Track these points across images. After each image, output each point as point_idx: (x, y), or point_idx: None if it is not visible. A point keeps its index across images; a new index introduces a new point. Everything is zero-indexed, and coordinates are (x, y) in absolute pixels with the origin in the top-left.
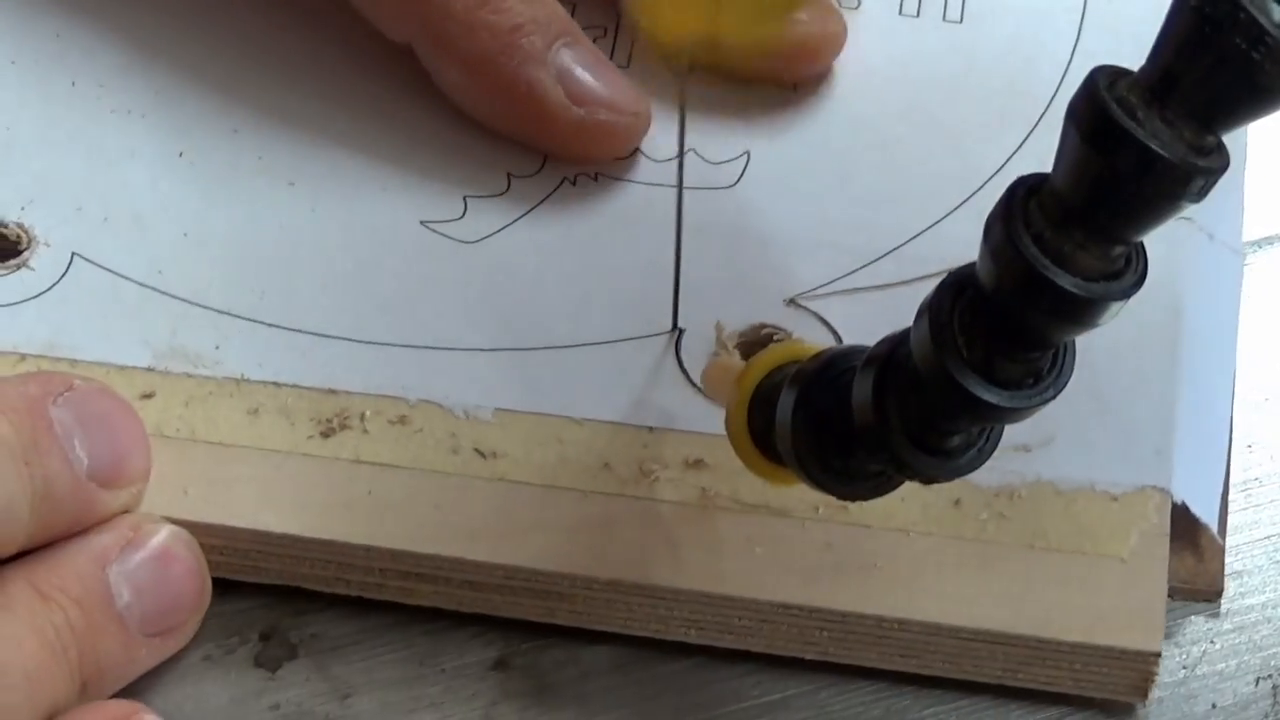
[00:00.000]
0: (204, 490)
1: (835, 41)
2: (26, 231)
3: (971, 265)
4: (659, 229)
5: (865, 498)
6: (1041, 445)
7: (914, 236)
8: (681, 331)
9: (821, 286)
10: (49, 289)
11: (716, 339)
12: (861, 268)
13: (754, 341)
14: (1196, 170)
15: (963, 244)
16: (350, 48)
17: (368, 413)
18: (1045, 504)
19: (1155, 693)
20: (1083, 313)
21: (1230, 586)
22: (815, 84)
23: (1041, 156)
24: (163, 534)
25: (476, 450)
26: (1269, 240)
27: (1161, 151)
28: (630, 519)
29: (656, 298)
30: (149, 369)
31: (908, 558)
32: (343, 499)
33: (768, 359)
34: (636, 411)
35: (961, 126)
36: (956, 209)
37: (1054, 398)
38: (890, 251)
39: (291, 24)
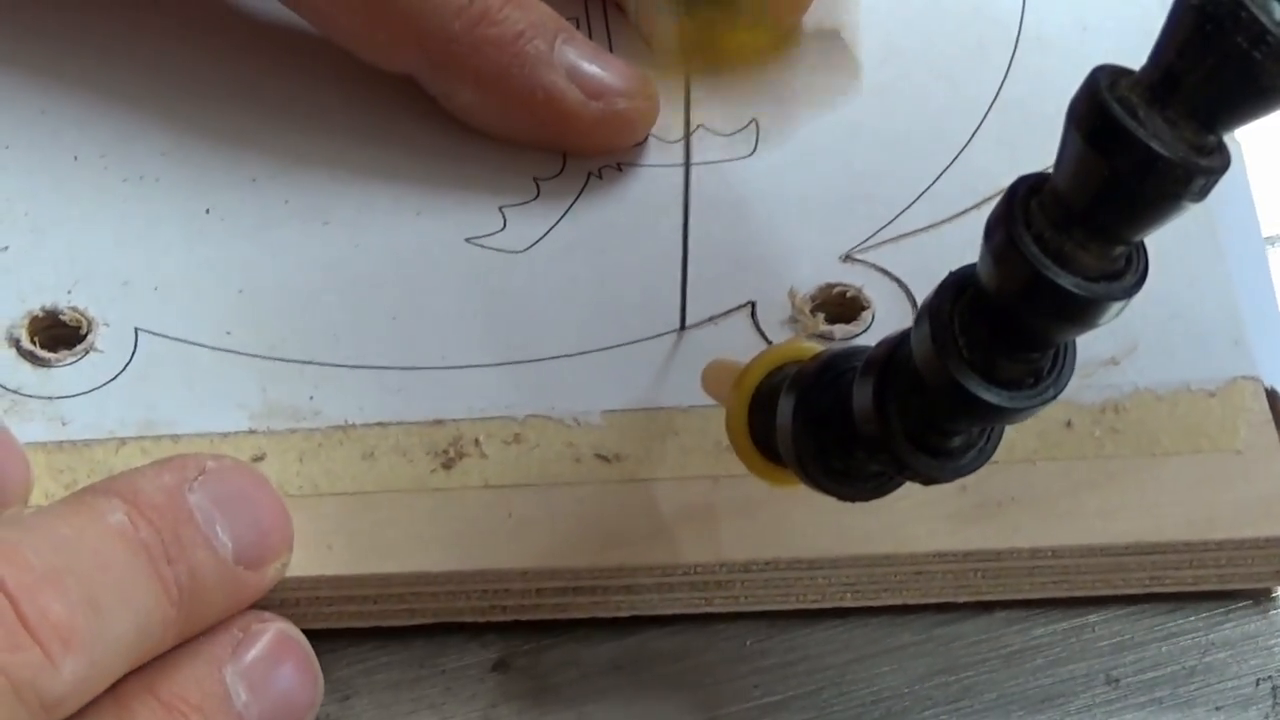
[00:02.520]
0: (347, 542)
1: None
2: (83, 314)
3: (972, 266)
4: (697, 204)
5: (866, 498)
6: (1127, 355)
7: (939, 175)
8: (754, 303)
9: (869, 239)
10: (124, 368)
11: (792, 305)
12: (900, 214)
13: (829, 301)
14: (1198, 170)
15: (985, 174)
16: (347, 82)
17: (480, 437)
18: (1150, 411)
19: (1156, 692)
20: (1083, 313)
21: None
22: (793, 42)
23: (1031, 76)
24: (271, 630)
25: (598, 456)
26: (1270, 240)
27: (1163, 151)
28: (769, 497)
29: (721, 275)
30: (251, 431)
31: (1041, 486)
32: (487, 526)
33: (768, 359)
34: None
35: (945, 59)
36: (970, 140)
37: (1054, 398)
38: (922, 194)
39: (283, 67)
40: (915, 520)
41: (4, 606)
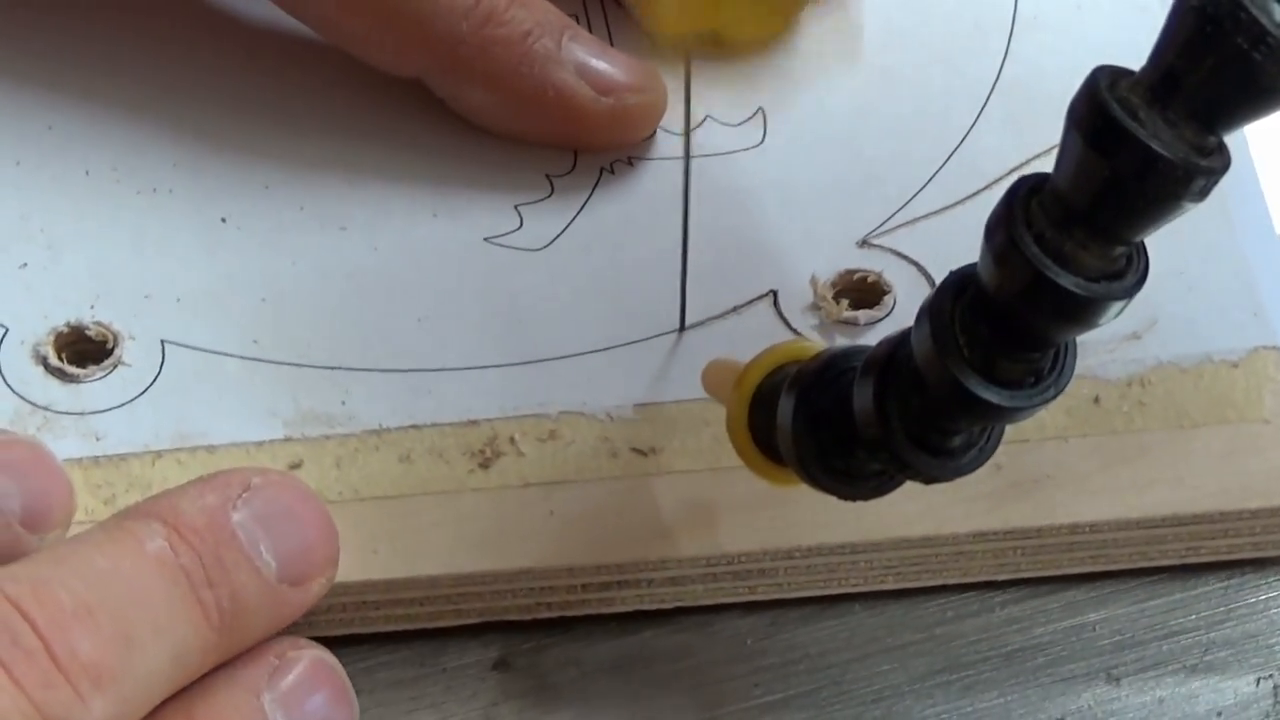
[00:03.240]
0: (392, 546)
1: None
2: (108, 329)
3: (972, 265)
4: (711, 195)
5: (866, 498)
6: (1148, 329)
7: (948, 158)
8: (775, 292)
9: (884, 224)
10: (154, 381)
11: (814, 292)
12: (912, 198)
13: (850, 287)
14: (1198, 170)
15: (993, 156)
16: (355, 86)
17: (516, 435)
18: (1175, 384)
19: (1156, 692)
20: (1084, 312)
21: (1233, 581)
22: (792, 33)
23: (1029, 57)
24: (307, 657)
25: (634, 449)
26: None
27: (1163, 152)
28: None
29: (740, 264)
30: (287, 439)
31: (1074, 462)
32: (529, 525)
33: (768, 359)
34: None
35: (944, 42)
36: (976, 123)
37: (1055, 397)
38: (932, 177)
39: (289, 74)
40: (953, 501)
41: (36, 646)
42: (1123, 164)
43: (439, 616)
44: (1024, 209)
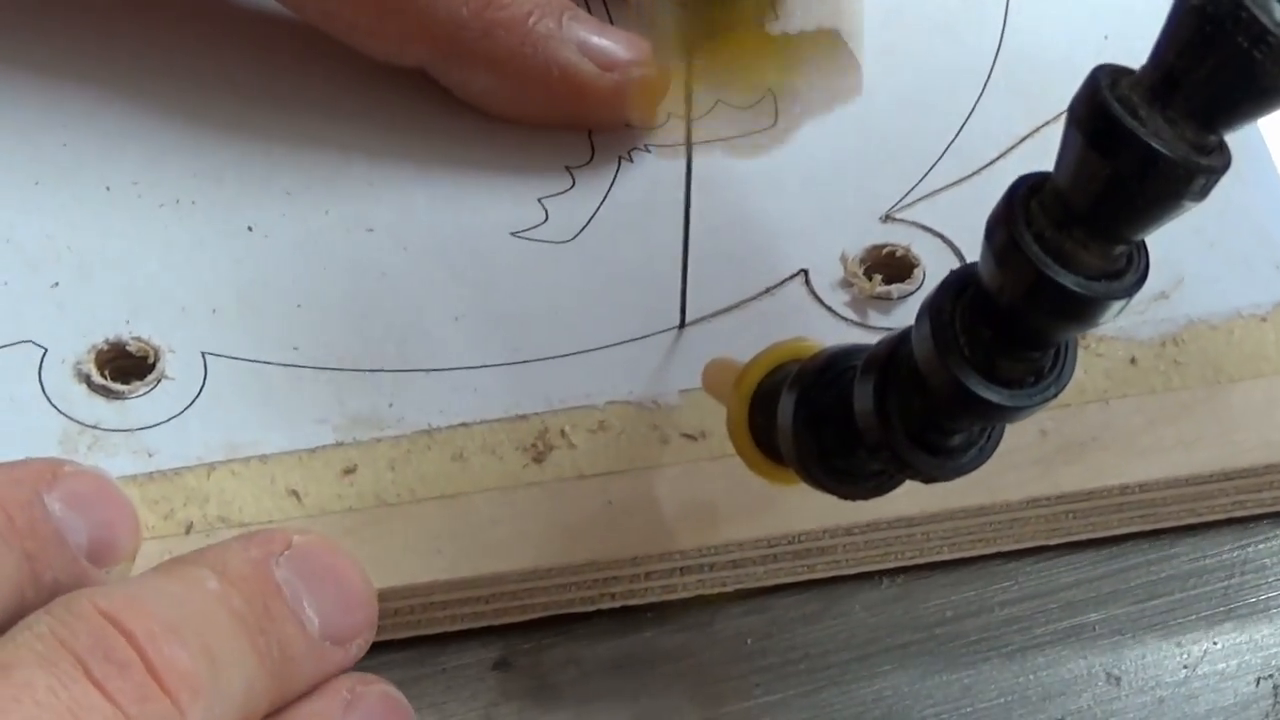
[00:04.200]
0: (455, 546)
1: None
2: (147, 344)
3: (973, 265)
4: (730, 179)
5: (866, 497)
6: (1175, 288)
7: (959, 130)
8: (806, 271)
9: (904, 198)
10: (199, 393)
11: (844, 269)
12: (929, 171)
13: (879, 261)
14: (1198, 169)
15: (1003, 124)
16: (364, 86)
17: (566, 428)
18: (1207, 342)
19: (1156, 692)
20: (1084, 312)
21: (1233, 583)
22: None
23: (1029, 25)
24: (378, 691)
25: (684, 435)
26: None
27: (1163, 150)
28: None
29: (767, 247)
30: (338, 444)
31: (1118, 424)
32: (589, 516)
33: (767, 359)
34: None
35: (944, 14)
36: (982, 94)
37: (1055, 396)
38: (946, 150)
39: (296, 76)
40: (1004, 469)
41: (133, 657)
42: (1123, 163)
43: (504, 613)
44: (1024, 208)
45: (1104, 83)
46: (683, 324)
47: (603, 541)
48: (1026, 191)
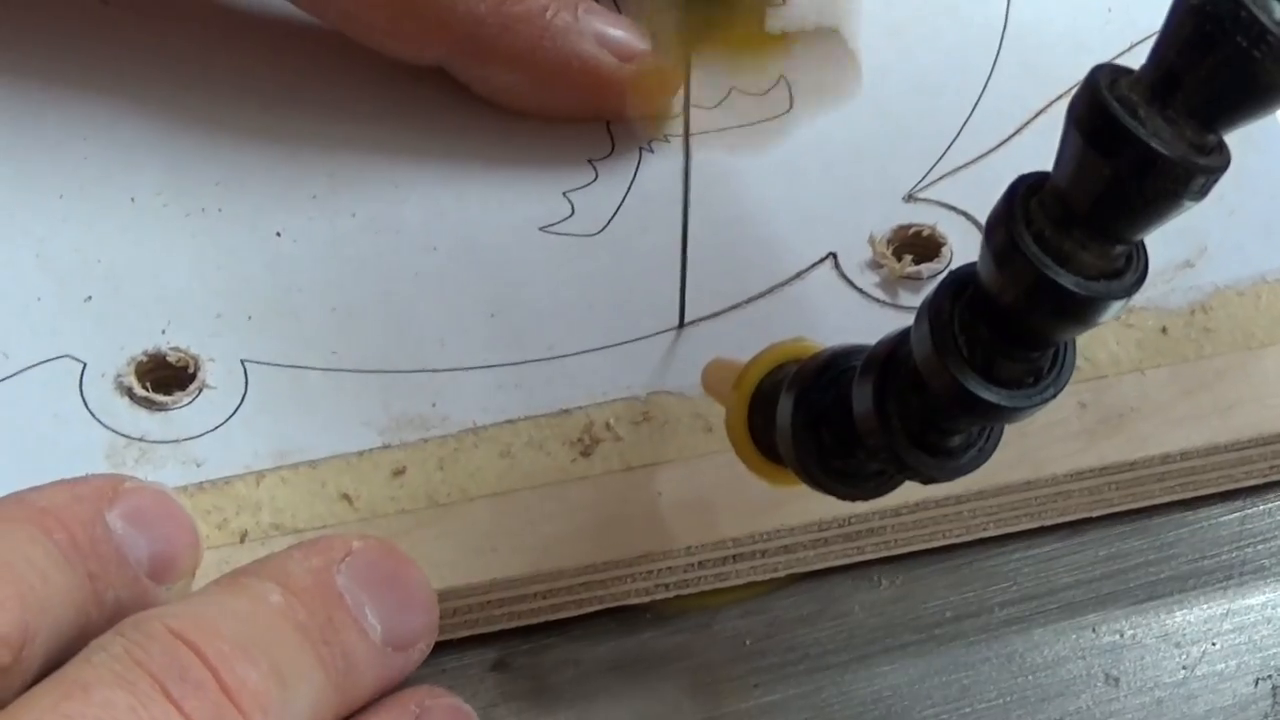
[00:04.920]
0: (510, 543)
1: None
2: (186, 353)
3: (972, 265)
4: (753, 165)
5: (865, 498)
6: (1199, 256)
7: (973, 108)
8: (834, 254)
9: (925, 177)
10: (242, 401)
11: (873, 250)
12: (947, 150)
13: (906, 241)
14: (1198, 169)
15: (1016, 100)
16: (383, 86)
17: (610, 420)
18: (1236, 308)
19: (1155, 693)
20: (1084, 312)
21: (1231, 584)
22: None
23: (1032, 6)
24: (446, 705)
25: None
26: None
27: (1163, 150)
28: None
29: (797, 229)
30: (385, 446)
31: (1155, 393)
32: (641, 509)
33: (767, 359)
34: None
35: None
36: (993, 71)
37: (1055, 396)
38: (963, 127)
39: (315, 79)
40: (1047, 443)
41: (207, 677)
42: (1123, 163)
43: (560, 608)
44: (1024, 208)
45: (1103, 82)
46: (681, 324)
47: (656, 533)
48: (1026, 191)
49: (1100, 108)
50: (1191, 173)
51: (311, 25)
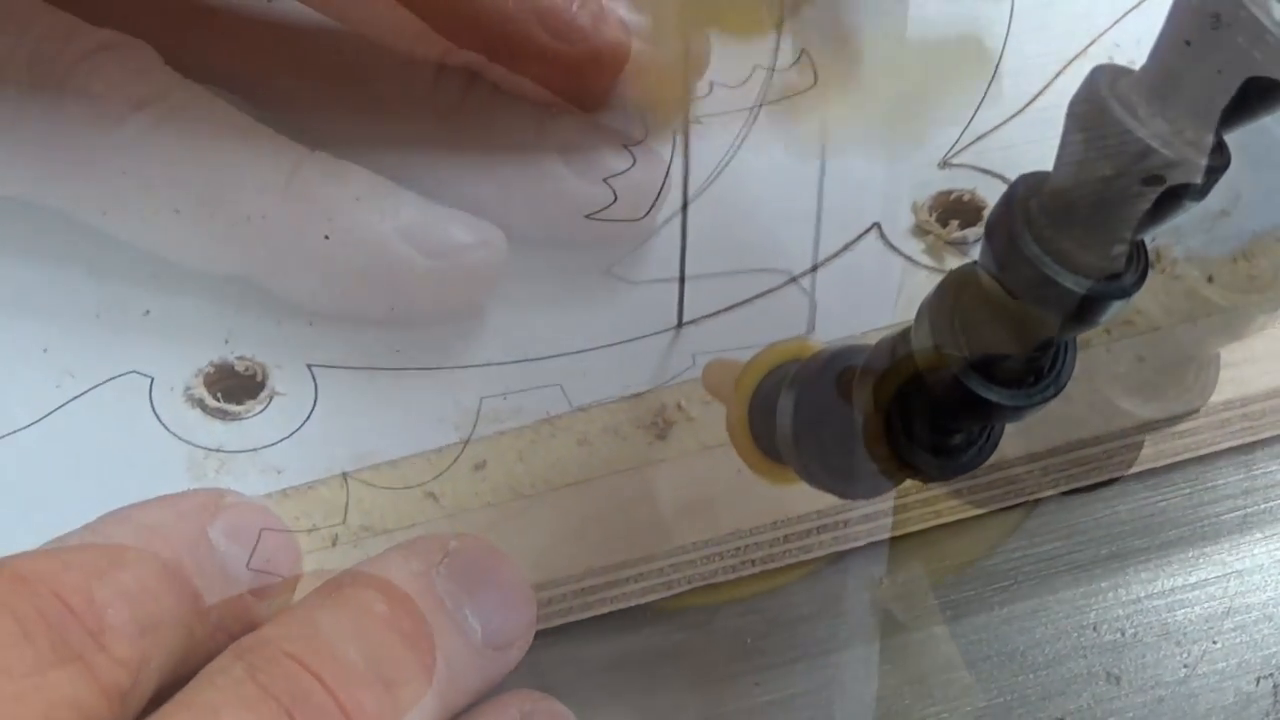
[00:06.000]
0: (604, 530)
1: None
2: (252, 361)
3: (971, 264)
4: (787, 140)
5: (865, 497)
6: (1234, 204)
7: (994, 73)
8: (877, 225)
9: (956, 143)
10: (314, 406)
11: (916, 217)
12: (973, 117)
13: (948, 207)
14: (1198, 169)
15: (1035, 63)
16: (418, 86)
17: (681, 402)
18: (1277, 253)
19: (1156, 691)
20: (1084, 311)
21: (1231, 585)
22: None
23: None
24: (544, 708)
25: None
26: None
27: (1163, 150)
28: None
29: (839, 204)
30: (463, 441)
31: (1210, 341)
32: (721, 487)
33: (767, 359)
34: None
35: None
36: (1008, 36)
37: (1055, 395)
38: (986, 93)
39: (349, 83)
40: (1112, 397)
41: (329, 703)
42: (1123, 163)
43: (649, 591)
44: (1024, 208)
45: (1104, 82)
46: (680, 323)
47: (742, 510)
48: (1026, 192)
49: (1100, 107)
50: (1191, 173)
51: (343, 31)
